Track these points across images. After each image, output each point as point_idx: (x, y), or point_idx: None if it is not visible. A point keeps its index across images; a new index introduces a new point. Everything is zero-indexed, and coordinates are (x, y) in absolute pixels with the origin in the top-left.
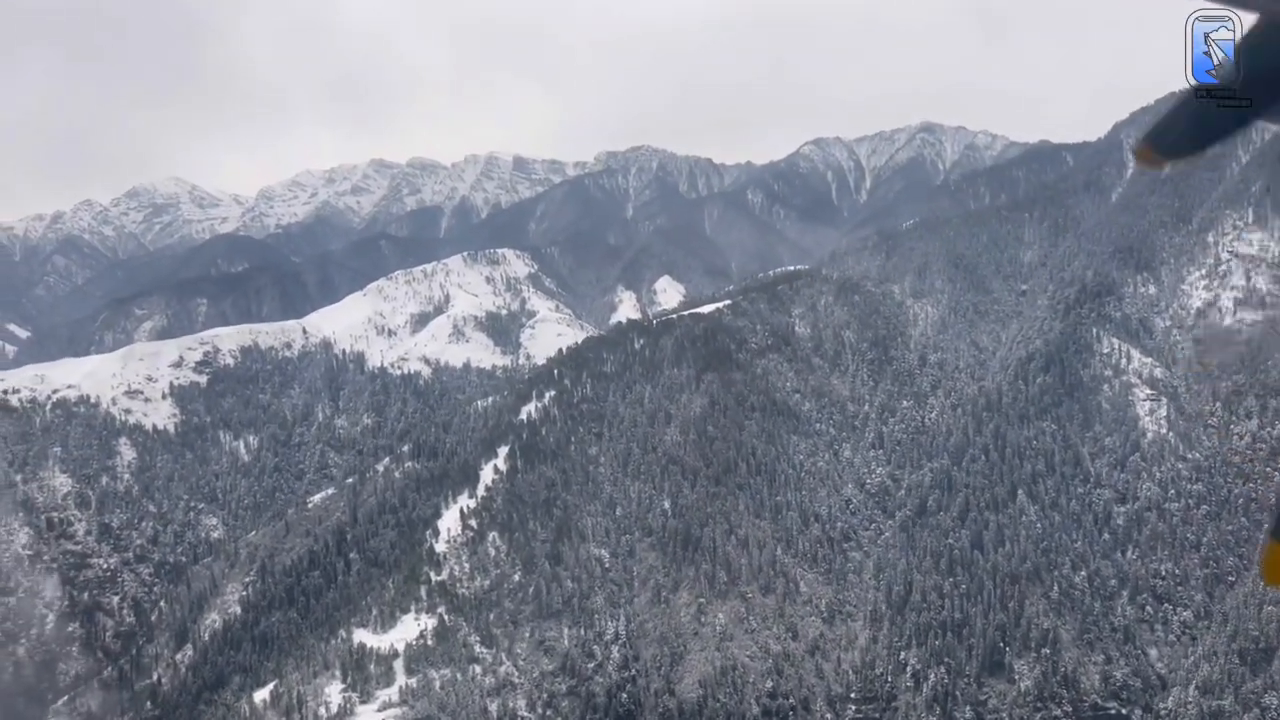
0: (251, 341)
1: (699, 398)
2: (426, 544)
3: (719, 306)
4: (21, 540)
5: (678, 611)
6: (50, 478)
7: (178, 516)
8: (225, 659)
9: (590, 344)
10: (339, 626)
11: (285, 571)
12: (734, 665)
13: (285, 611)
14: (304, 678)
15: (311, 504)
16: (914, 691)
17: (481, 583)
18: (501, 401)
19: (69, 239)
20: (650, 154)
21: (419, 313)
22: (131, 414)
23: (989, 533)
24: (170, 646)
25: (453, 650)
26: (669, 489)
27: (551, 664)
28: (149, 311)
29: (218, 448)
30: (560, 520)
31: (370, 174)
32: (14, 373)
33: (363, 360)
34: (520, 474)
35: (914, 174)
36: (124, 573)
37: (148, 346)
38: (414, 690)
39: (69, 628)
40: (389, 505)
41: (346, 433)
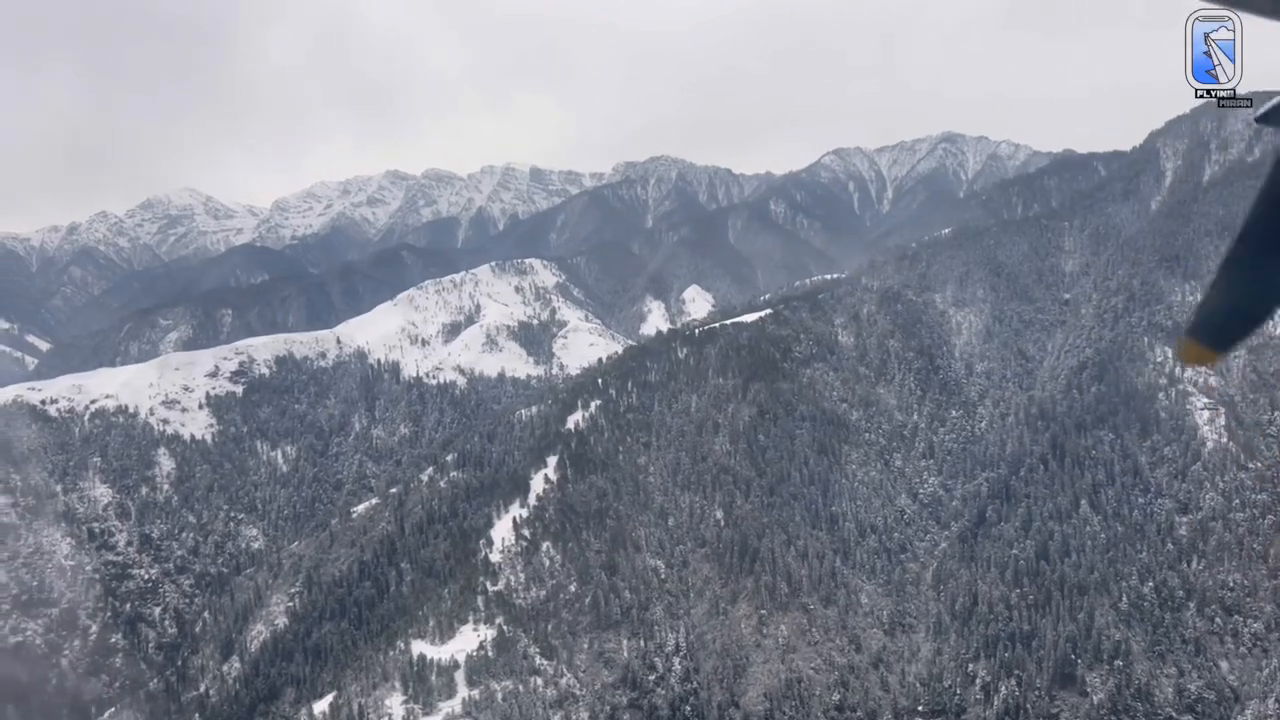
0: (286, 351)
1: (747, 407)
2: (480, 554)
3: (761, 316)
4: (63, 551)
5: (738, 623)
6: (90, 488)
7: (218, 527)
8: (277, 670)
9: (633, 353)
10: (396, 637)
11: (335, 582)
12: (799, 678)
13: (337, 622)
14: (363, 689)
15: (355, 514)
16: (984, 704)
17: (537, 593)
18: (546, 411)
19: (85, 250)
20: (669, 164)
21: (450, 322)
22: (169, 424)
23: (1054, 543)
24: (216, 658)
25: (513, 661)
26: (720, 499)
27: (612, 676)
28: (174, 322)
29: (255, 458)
30: (614, 530)
31: (386, 185)
32: (50, 383)
33: (398, 370)
34: (571, 484)
35: (937, 184)
36: (165, 584)
37: (183, 356)
38: (477, 702)
39: (111, 639)
40: (438, 515)
41: (384, 442)
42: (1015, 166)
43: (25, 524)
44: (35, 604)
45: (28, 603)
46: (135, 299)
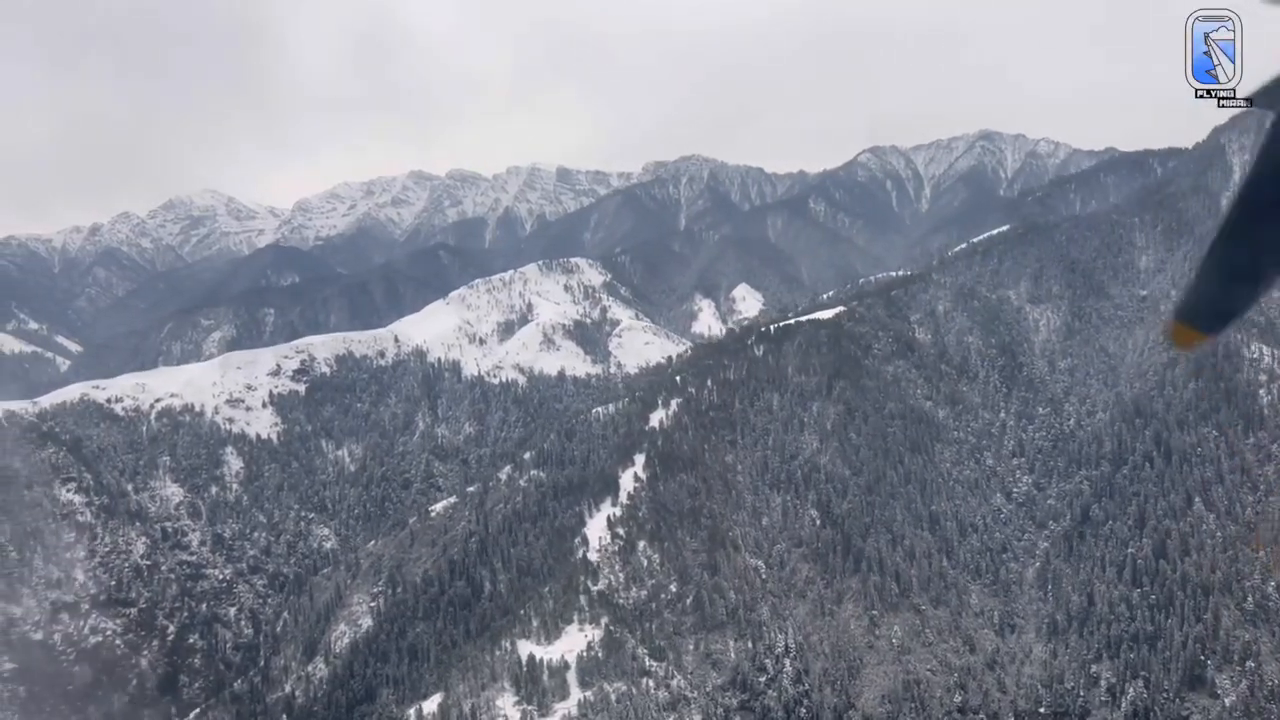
0: (345, 350)
1: (832, 405)
2: (578, 553)
3: (836, 313)
4: (139, 550)
5: (846, 624)
6: (161, 487)
7: (289, 527)
8: (372, 671)
9: (708, 350)
10: (500, 637)
11: (424, 581)
12: (916, 679)
13: (431, 622)
14: (471, 690)
15: (434, 513)
16: (1110, 706)
17: (638, 593)
18: (626, 409)
19: (108, 251)
20: (701, 163)
21: (504, 321)
22: (234, 423)
23: (1172, 542)
24: (299, 659)
25: (623, 662)
26: (813, 498)
27: (720, 677)
28: (215, 322)
29: (322, 457)
30: (709, 529)
31: (410, 186)
32: (113, 381)
33: (458, 368)
34: (661, 482)
35: (977, 182)
36: (239, 584)
37: (244, 355)
38: (592, 704)
39: (189, 639)
40: (526, 514)
41: (449, 441)
42: (1055, 165)
43: (100, 523)
44: (113, 604)
45: (106, 602)
46: (162, 300)
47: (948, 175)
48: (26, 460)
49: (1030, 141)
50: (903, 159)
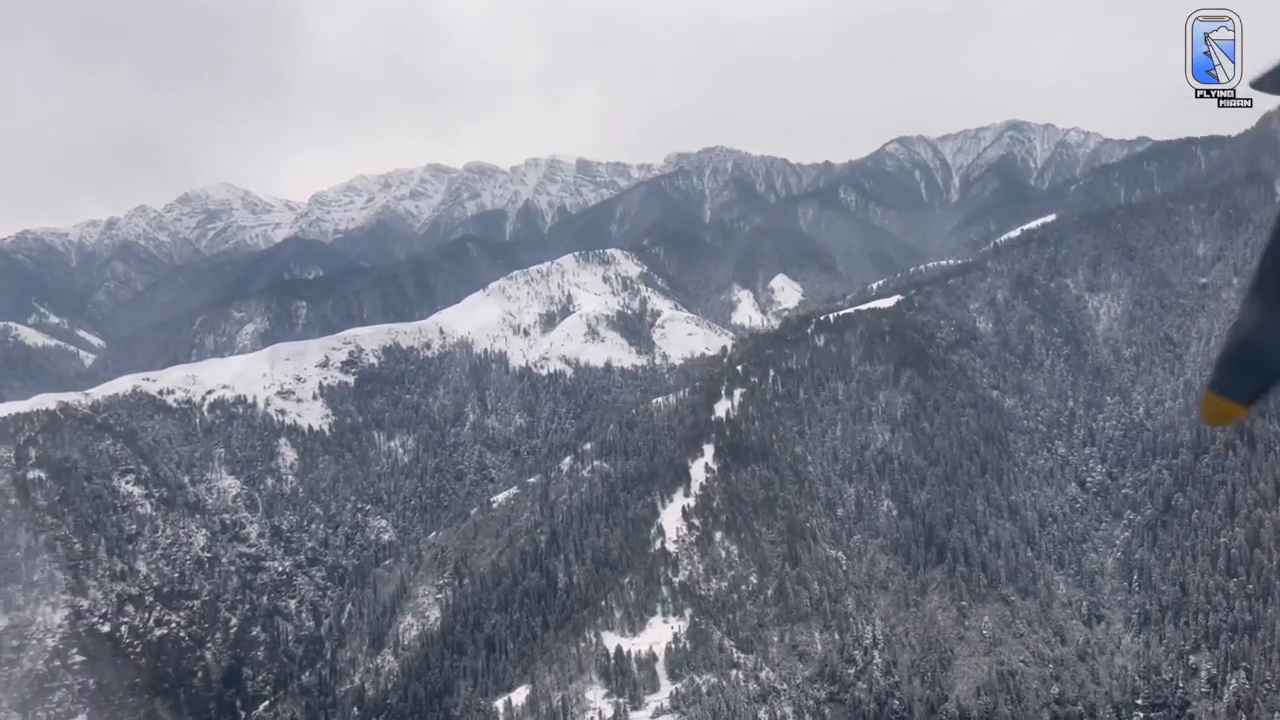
0: (392, 341)
1: (900, 394)
2: (655, 544)
3: (896, 301)
4: (199, 542)
5: (933, 615)
6: (218, 479)
7: (346, 519)
8: (448, 663)
9: (766, 340)
10: (583, 629)
11: (496, 573)
12: (1010, 671)
13: (507, 614)
14: (558, 682)
15: (495, 504)
16: (1211, 698)
17: (718, 584)
18: (689, 399)
19: (125, 245)
20: (724, 154)
21: (545, 312)
22: (286, 415)
23: (1265, 531)
24: (365, 651)
25: (711, 654)
26: (888, 489)
27: (808, 669)
28: (247, 314)
29: (375, 449)
30: (786, 520)
31: (427, 178)
32: (163, 373)
33: (505, 360)
34: (733, 473)
35: (1007, 172)
36: (298, 576)
37: (292, 346)
38: (684, 696)
39: (252, 632)
40: (596, 504)
41: (499, 433)
42: (1086, 154)
43: (161, 515)
44: (176, 596)
45: (169, 595)
46: (182, 294)
47: (976, 165)
48: (85, 452)
49: (1060, 131)
50: (930, 149)
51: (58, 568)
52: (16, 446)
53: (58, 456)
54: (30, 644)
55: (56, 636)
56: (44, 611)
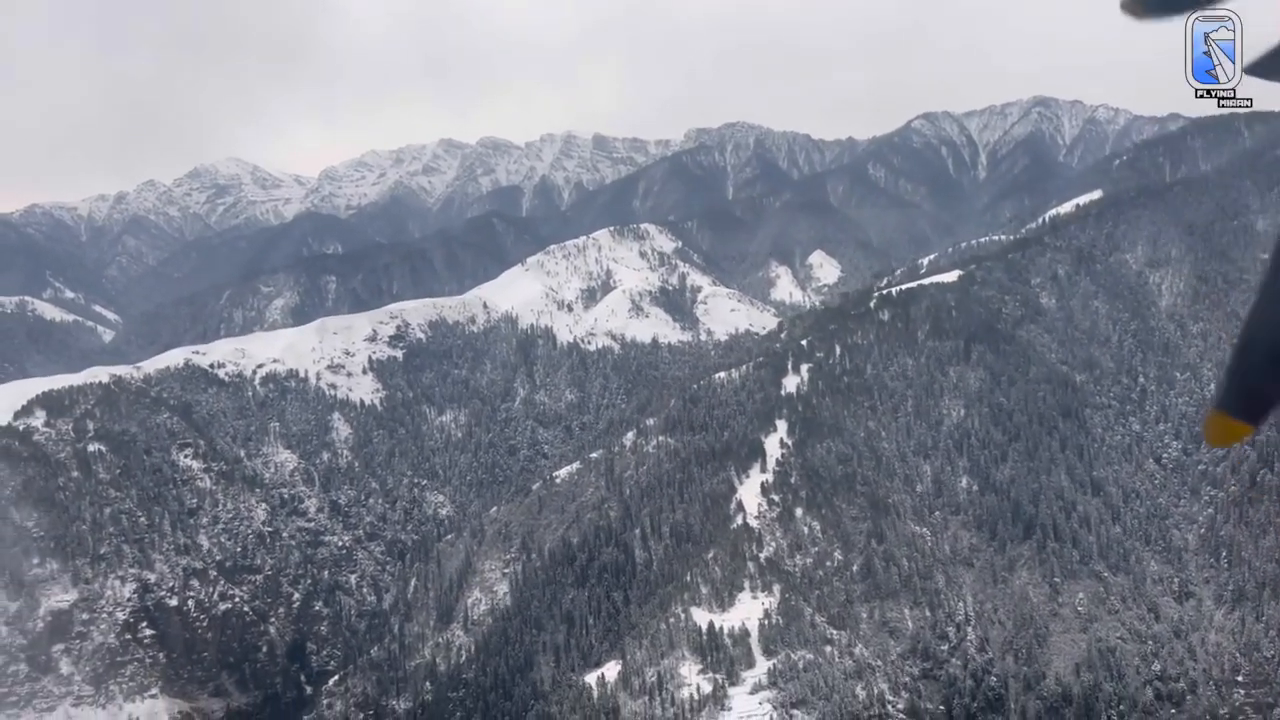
0: (437, 316)
1: (972, 370)
2: (736, 520)
3: (958, 276)
4: (260, 517)
5: (1023, 591)
6: (274, 453)
7: (403, 493)
8: (528, 638)
9: (828, 315)
10: (669, 604)
11: (567, 547)
12: (1109, 648)
13: (582, 589)
14: (650, 657)
15: (559, 479)
16: None
17: (803, 560)
18: (754, 374)
19: (136, 219)
20: (746, 130)
21: (586, 288)
22: (337, 389)
23: None
24: (433, 626)
25: (803, 630)
26: (966, 465)
27: (899, 646)
28: (275, 289)
29: (426, 423)
30: (866, 496)
31: (440, 154)
32: (211, 346)
33: (551, 335)
34: (808, 448)
35: (1036, 149)
36: (358, 551)
37: (339, 320)
38: (782, 672)
39: (314, 606)
40: (669, 479)
41: (550, 408)
42: (1115, 131)
43: (221, 489)
44: (239, 570)
45: (232, 569)
46: (197, 269)
47: (1004, 142)
48: (143, 425)
49: (1088, 108)
50: (956, 125)
51: (123, 541)
52: (74, 419)
53: (116, 430)
54: (101, 617)
55: (126, 610)
56: (113, 585)
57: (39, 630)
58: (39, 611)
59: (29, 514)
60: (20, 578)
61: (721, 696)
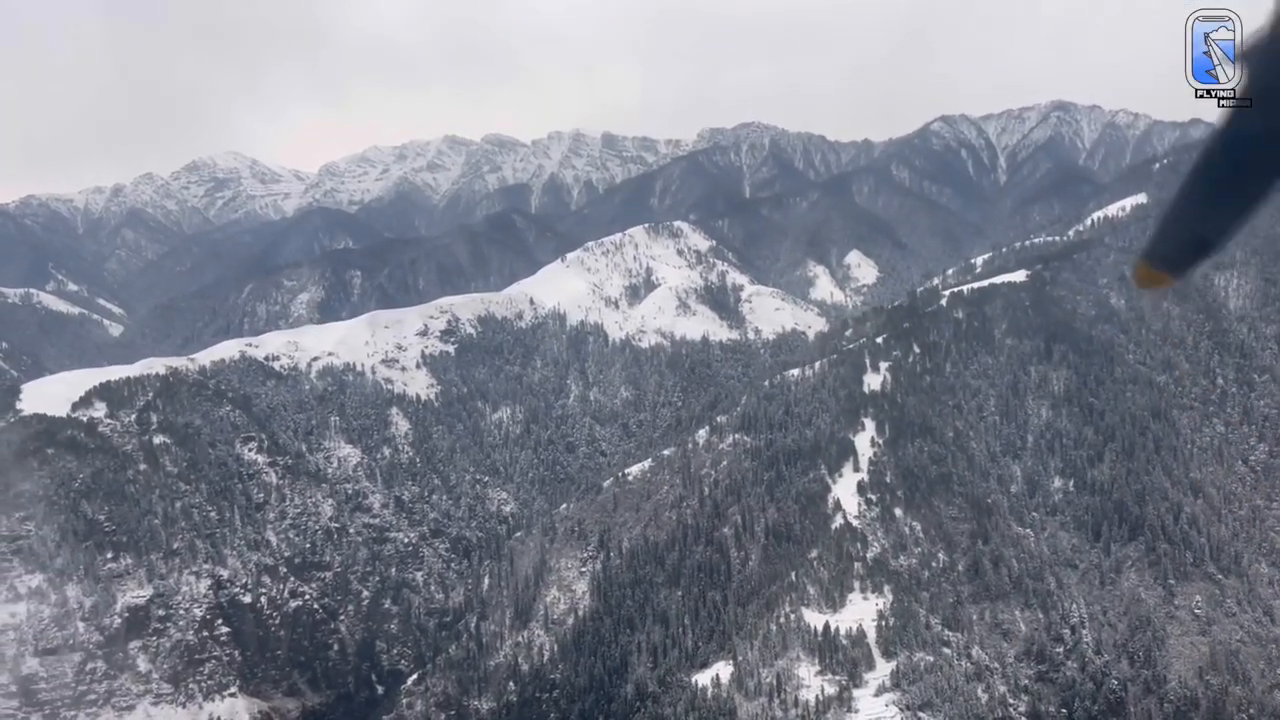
0: (486, 311)
1: (1054, 369)
2: (837, 520)
3: (1028, 275)
4: (327, 513)
5: (1133, 593)
6: (336, 448)
7: (466, 490)
8: (623, 638)
9: (900, 313)
10: (775, 604)
11: (653, 546)
12: (1231, 651)
13: (679, 588)
14: (763, 658)
15: (631, 476)
16: None
17: (907, 561)
18: (830, 372)
19: (134, 212)
20: (761, 130)
21: (628, 285)
22: (392, 383)
23: None
24: (511, 625)
25: (919, 632)
26: (1058, 466)
27: (1013, 647)
28: (299, 283)
29: (484, 420)
30: (965, 496)
31: (444, 150)
32: (263, 339)
33: (601, 332)
34: (900, 448)
35: (1057, 153)
36: (423, 548)
37: (389, 314)
38: (905, 674)
39: (383, 604)
40: (752, 478)
41: (604, 405)
42: (1136, 136)
43: (287, 484)
44: (308, 567)
45: (301, 565)
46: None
47: (1023, 146)
48: (206, 418)
49: (1107, 113)
50: (974, 128)
51: (196, 536)
52: (137, 411)
53: (180, 422)
54: (177, 614)
55: (203, 607)
56: (188, 581)
57: (116, 627)
58: (115, 607)
59: (100, 507)
60: (95, 572)
61: (847, 699)
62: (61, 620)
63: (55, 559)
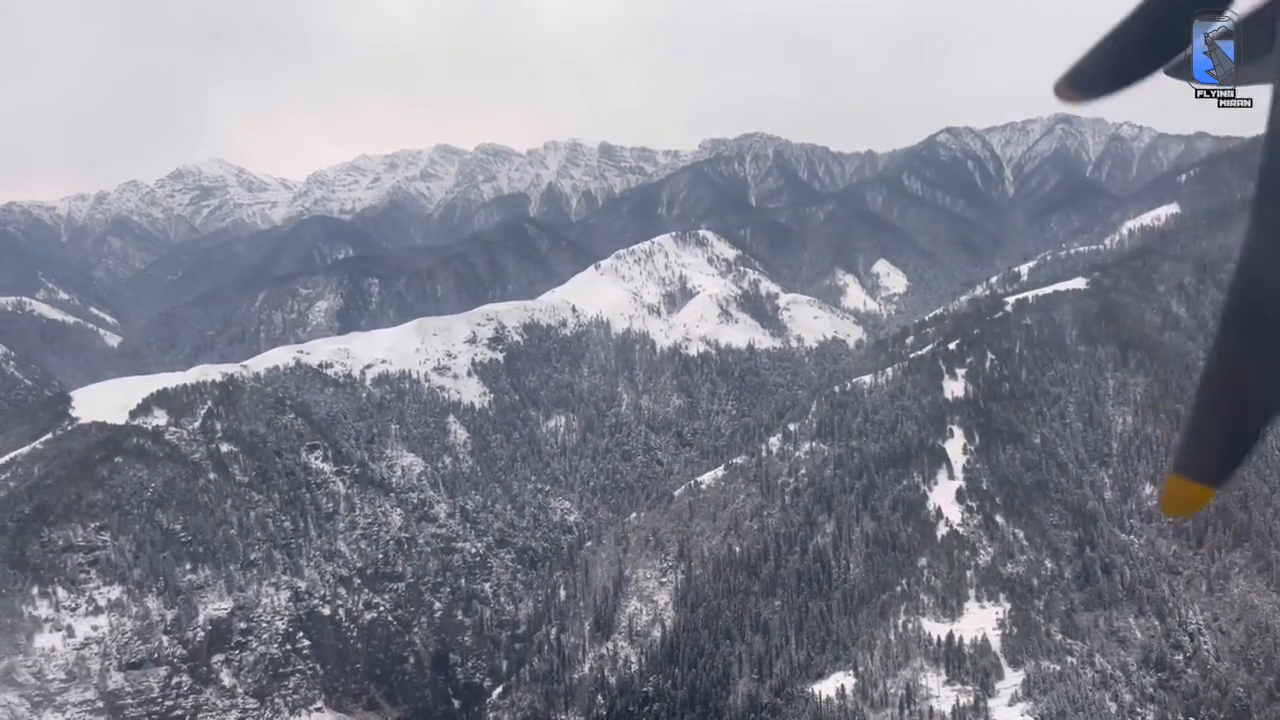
0: (530, 318)
1: (1130, 375)
2: (941, 528)
3: (1088, 283)
4: (395, 522)
5: (1244, 599)
6: (398, 457)
7: (528, 499)
8: (723, 649)
9: (965, 321)
10: (888, 613)
11: (753, 555)
12: None
13: (779, 597)
14: (885, 669)
15: (704, 485)
16: None
17: (1015, 569)
18: (905, 379)
19: (119, 221)
20: (764, 141)
21: (665, 293)
22: (445, 391)
23: None
24: (589, 637)
25: (1041, 640)
26: (1148, 472)
27: (1129, 655)
28: (315, 291)
29: (538, 428)
30: (1064, 503)
31: (437, 159)
32: (313, 345)
33: (648, 339)
34: (991, 455)
35: (1064, 165)
36: (490, 559)
37: (437, 321)
38: (1035, 683)
39: (456, 616)
40: (841, 485)
41: (658, 414)
42: (1141, 149)
43: (356, 493)
44: (380, 578)
45: (373, 576)
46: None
47: (1029, 158)
48: (270, 426)
49: (1110, 125)
50: (978, 140)
51: (272, 547)
52: (201, 419)
53: (245, 430)
54: (259, 626)
55: (284, 619)
56: (267, 592)
57: (199, 640)
58: (197, 620)
59: (174, 516)
60: (175, 585)
61: (983, 709)
62: (144, 633)
63: (133, 570)
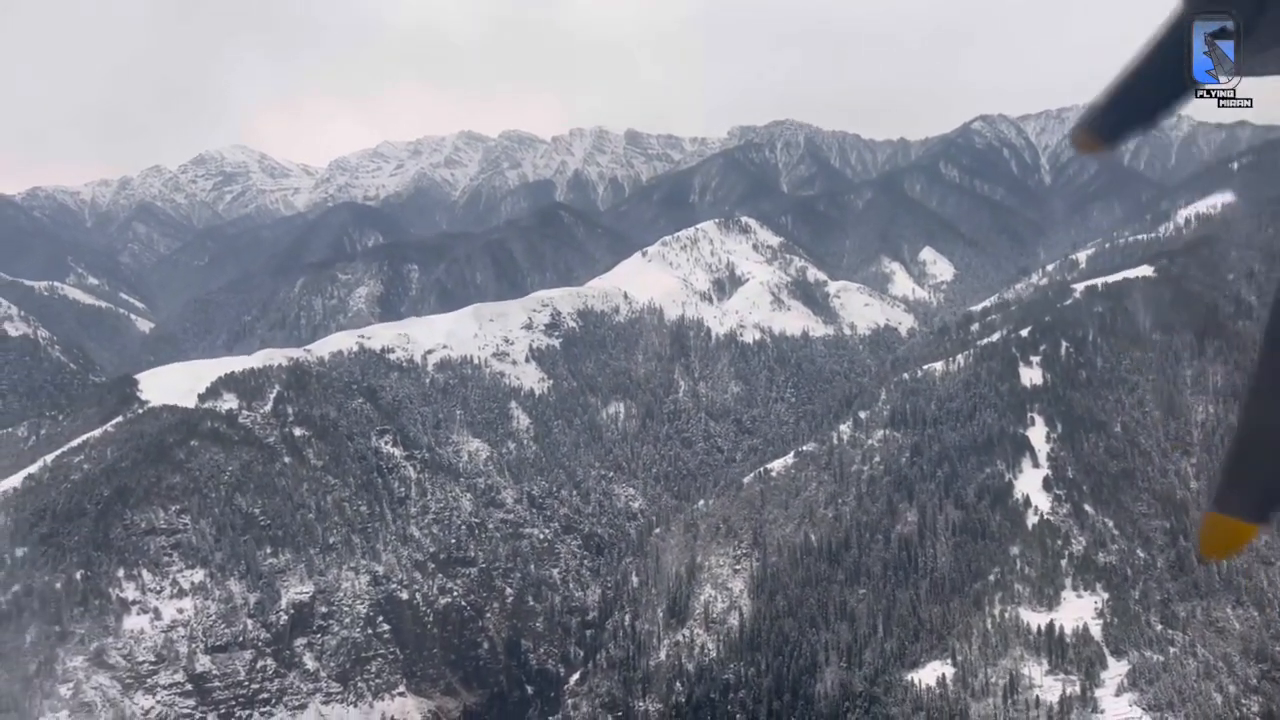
0: (584, 304)
1: (1209, 364)
2: (1030, 517)
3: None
4: (466, 507)
5: None
6: (464, 442)
7: (593, 485)
8: (809, 637)
9: (1035, 308)
10: (982, 602)
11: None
12: None
13: (864, 585)
14: (984, 658)
15: (774, 472)
16: None
17: (1107, 558)
18: (979, 366)
19: (144, 206)
20: (795, 128)
21: (714, 280)
22: (505, 377)
23: None
24: (665, 624)
25: (1143, 630)
26: None
27: (1230, 646)
28: (354, 277)
29: (598, 414)
30: (1151, 491)
31: (461, 146)
32: (373, 330)
33: (702, 326)
34: (1076, 443)
35: None
36: (558, 545)
37: (493, 307)
38: (1141, 672)
39: (528, 602)
40: (920, 473)
41: (716, 400)
42: (1180, 138)
43: (427, 478)
44: (453, 563)
45: (446, 561)
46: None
47: (1064, 146)
48: (341, 410)
49: None
50: (1013, 128)
51: (350, 531)
52: (272, 402)
53: (316, 414)
54: (341, 610)
55: (366, 603)
56: (347, 576)
57: (282, 624)
58: (280, 604)
59: (253, 500)
60: (256, 568)
61: (1090, 699)
62: (229, 617)
63: (215, 553)
